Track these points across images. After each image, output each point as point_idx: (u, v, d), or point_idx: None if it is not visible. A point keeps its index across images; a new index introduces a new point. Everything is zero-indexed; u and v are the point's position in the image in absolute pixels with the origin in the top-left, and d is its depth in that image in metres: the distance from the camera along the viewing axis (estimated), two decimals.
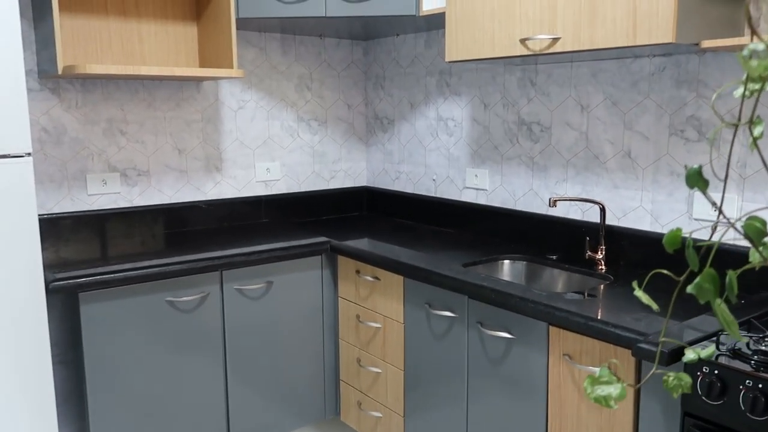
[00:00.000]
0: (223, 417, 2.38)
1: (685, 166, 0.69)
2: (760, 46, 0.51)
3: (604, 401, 0.72)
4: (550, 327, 1.74)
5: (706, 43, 1.68)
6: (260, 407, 2.47)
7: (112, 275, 2.08)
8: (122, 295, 2.12)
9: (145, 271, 2.14)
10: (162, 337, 2.21)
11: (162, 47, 2.65)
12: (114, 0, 2.53)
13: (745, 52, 0.53)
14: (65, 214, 2.51)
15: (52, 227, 2.48)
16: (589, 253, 2.19)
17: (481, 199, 2.72)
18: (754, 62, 0.52)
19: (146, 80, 2.65)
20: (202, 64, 2.72)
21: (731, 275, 0.67)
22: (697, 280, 0.66)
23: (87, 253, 2.35)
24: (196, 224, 2.83)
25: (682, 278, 0.74)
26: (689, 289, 0.67)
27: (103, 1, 2.50)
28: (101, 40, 2.52)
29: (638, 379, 1.55)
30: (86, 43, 2.48)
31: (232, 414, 2.40)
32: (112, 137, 2.60)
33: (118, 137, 2.61)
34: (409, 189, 3.09)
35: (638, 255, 2.15)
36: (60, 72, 2.17)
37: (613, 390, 0.71)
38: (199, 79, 2.69)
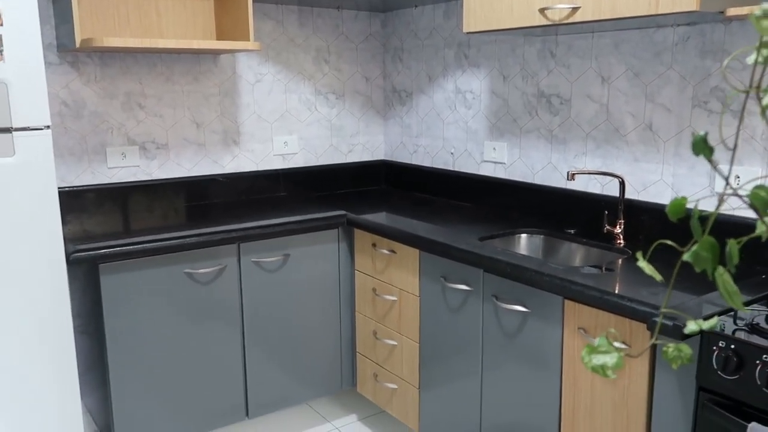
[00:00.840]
0: (241, 387, 2.42)
1: (692, 134, 0.67)
2: None
3: (601, 370, 0.71)
4: (566, 301, 1.73)
5: (732, 11, 1.63)
6: (278, 378, 2.50)
7: (132, 247, 2.11)
8: (141, 267, 2.15)
9: (163, 243, 2.16)
10: (180, 309, 2.24)
11: (179, 21, 2.65)
12: None
13: (758, 12, 0.51)
14: (86, 187, 2.54)
15: (73, 200, 2.52)
16: (608, 227, 2.16)
17: (500, 173, 2.69)
18: (766, 22, 0.49)
19: (164, 54, 2.66)
20: (219, 37, 2.71)
21: (732, 244, 0.65)
22: (694, 247, 0.65)
23: (107, 225, 2.39)
24: (214, 197, 2.85)
25: (686, 248, 0.73)
26: (685, 257, 0.65)
27: None
28: (119, 14, 2.52)
29: (654, 353, 1.53)
30: (105, 17, 2.49)
31: (250, 385, 2.44)
32: (130, 111, 2.62)
33: (136, 111, 2.63)
34: (426, 162, 3.07)
35: (658, 229, 2.12)
36: (78, 45, 2.18)
37: (609, 359, 0.70)
38: (216, 52, 2.68)
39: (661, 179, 2.12)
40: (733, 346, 1.32)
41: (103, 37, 2.16)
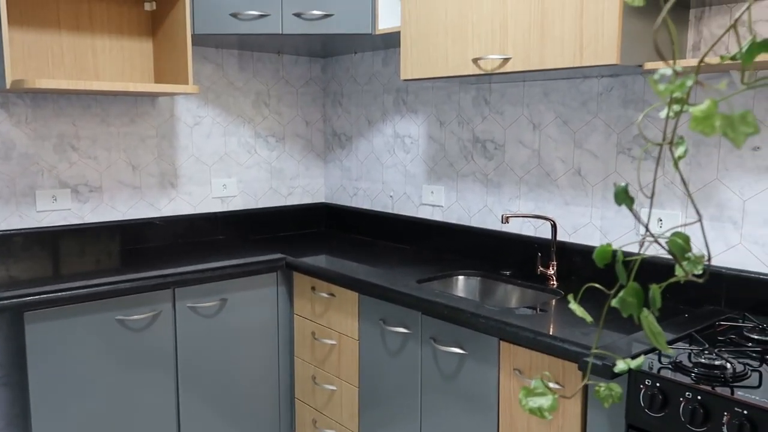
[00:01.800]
0: None
1: (614, 184, 0.71)
2: (668, 71, 0.53)
3: (538, 412, 0.73)
4: (501, 342, 1.76)
5: (649, 65, 1.74)
6: (214, 427, 2.43)
7: (60, 294, 2.03)
8: (70, 314, 2.07)
9: (94, 289, 2.09)
10: (112, 357, 2.16)
11: (116, 62, 2.62)
12: (67, 14, 2.49)
13: (656, 76, 0.56)
14: (12, 231, 2.45)
15: None
16: (541, 268, 2.23)
17: (437, 216, 2.74)
18: (661, 86, 0.54)
19: (99, 95, 2.62)
20: (158, 79, 2.69)
21: (654, 289, 0.69)
22: (620, 294, 0.68)
23: (34, 271, 2.30)
24: (150, 241, 2.78)
25: (612, 291, 0.76)
26: (613, 303, 0.69)
27: (55, 14, 2.46)
28: (53, 55, 2.48)
29: (586, 392, 1.57)
30: (38, 57, 2.44)
31: None
32: (63, 153, 2.55)
33: (69, 153, 2.57)
34: (366, 205, 3.10)
35: (589, 270, 2.19)
36: (8, 86, 2.13)
37: (545, 401, 0.72)
38: (154, 95, 2.66)
39: (590, 222, 2.20)
40: (658, 384, 1.37)
41: (35, 79, 2.11)
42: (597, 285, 0.86)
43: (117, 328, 2.16)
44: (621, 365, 0.92)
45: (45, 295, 2.00)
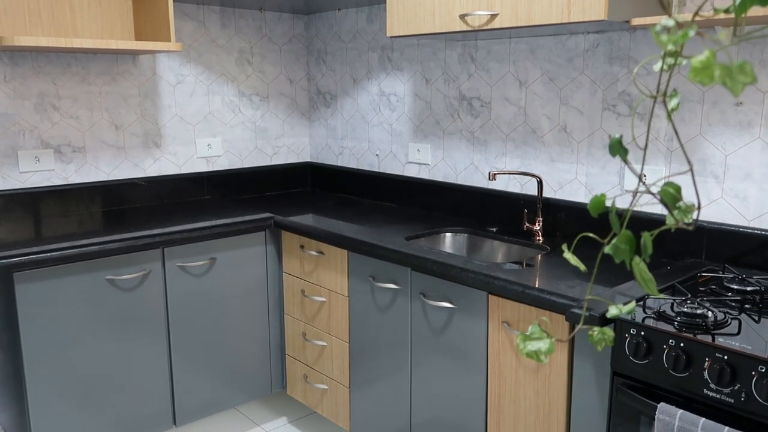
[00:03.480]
0: (168, 395, 2.37)
1: (609, 136, 0.73)
2: (671, 22, 0.55)
3: (535, 355, 0.76)
4: (490, 296, 1.80)
5: (636, 21, 1.75)
6: (206, 384, 2.47)
7: (49, 254, 2.03)
8: (60, 275, 2.07)
9: (83, 249, 2.09)
10: (103, 317, 2.18)
11: (95, 19, 2.56)
12: None
13: (658, 28, 0.57)
14: None
15: None
16: (527, 224, 2.26)
17: (424, 174, 2.76)
18: (664, 37, 0.55)
19: (79, 53, 2.57)
20: (138, 37, 2.64)
21: (646, 236, 0.72)
22: (613, 241, 0.71)
23: (21, 232, 2.28)
24: (135, 202, 2.77)
25: (606, 240, 0.79)
26: (606, 249, 0.72)
27: None
28: (30, 11, 2.41)
29: (572, 342, 1.62)
30: (14, 15, 2.38)
31: (177, 392, 2.39)
32: (44, 112, 2.51)
33: (50, 112, 2.53)
34: (352, 164, 3.11)
35: (573, 226, 2.23)
36: None
37: (543, 345, 0.76)
38: (135, 53, 2.62)
39: (575, 178, 2.24)
40: (642, 333, 1.42)
41: (14, 36, 2.07)
42: (591, 234, 0.89)
43: (107, 287, 2.17)
44: (613, 310, 0.96)
45: (34, 256, 2.00)
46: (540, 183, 2.24)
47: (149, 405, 2.33)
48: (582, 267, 0.86)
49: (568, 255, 0.84)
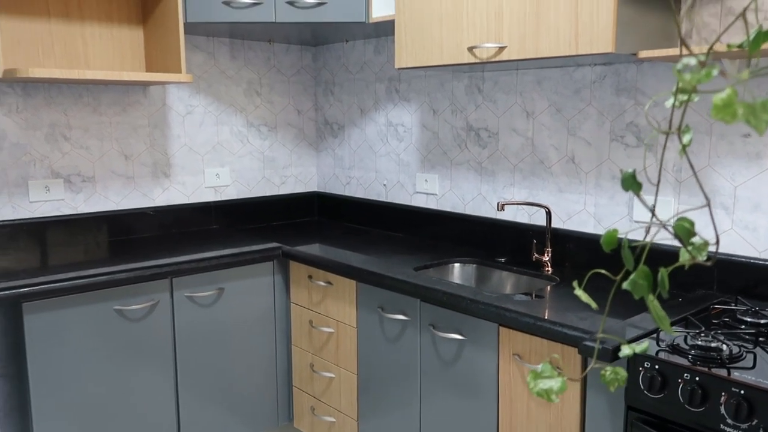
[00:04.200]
0: (174, 426, 2.34)
1: (621, 171, 0.73)
2: (693, 61, 0.55)
3: (546, 395, 0.75)
4: (500, 327, 1.79)
5: (644, 54, 1.77)
6: (212, 416, 2.44)
7: (57, 284, 2.03)
8: (68, 305, 2.07)
9: (91, 279, 2.09)
10: (110, 347, 2.17)
11: (107, 51, 2.60)
12: (56, 1, 2.46)
13: (679, 66, 0.58)
14: (6, 222, 2.43)
15: None
16: (536, 255, 2.26)
17: (431, 204, 2.76)
18: (687, 75, 0.56)
19: (90, 84, 2.60)
20: (149, 68, 2.67)
21: (663, 272, 0.71)
22: (631, 276, 0.70)
23: (30, 262, 2.29)
24: (144, 231, 2.78)
25: (618, 277, 0.79)
26: (624, 285, 0.71)
27: (44, 2, 2.43)
28: (43, 43, 2.45)
29: (585, 376, 1.60)
30: (27, 46, 2.41)
31: (183, 424, 2.37)
32: (54, 143, 2.53)
33: (61, 143, 2.55)
34: (359, 194, 3.11)
35: (582, 257, 2.23)
36: (0, 76, 2.10)
37: (554, 384, 0.75)
38: (146, 84, 2.65)
39: (584, 209, 2.24)
40: (657, 367, 1.41)
41: (29, 68, 2.09)
42: (602, 271, 0.89)
43: (115, 317, 2.16)
44: (626, 350, 0.95)
45: (43, 286, 2.00)
46: (548, 213, 2.24)
47: None
48: (593, 305, 0.85)
49: (579, 292, 0.84)
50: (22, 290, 1.96)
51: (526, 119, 2.37)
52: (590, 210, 2.22)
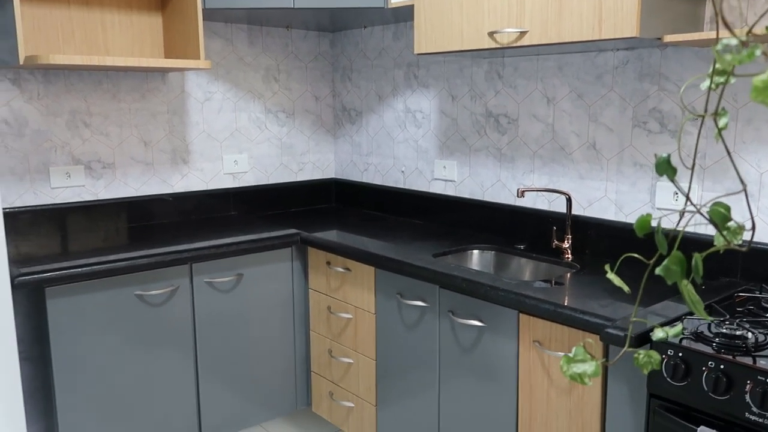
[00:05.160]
0: (194, 410, 2.37)
1: (655, 155, 0.72)
2: (733, 41, 0.54)
3: (579, 378, 0.75)
4: (520, 314, 1.78)
5: (669, 38, 1.74)
6: (231, 400, 2.46)
7: (79, 269, 2.05)
8: (90, 290, 2.09)
9: (113, 264, 2.11)
10: (131, 331, 2.19)
11: (126, 37, 2.61)
12: None
13: (719, 47, 0.56)
14: (28, 208, 2.46)
15: (16, 222, 2.42)
16: (556, 242, 2.24)
17: (450, 191, 2.75)
18: (728, 56, 0.55)
19: (110, 71, 2.61)
20: (168, 54, 2.68)
21: (697, 257, 0.70)
22: (665, 262, 0.69)
23: (52, 247, 2.31)
24: (163, 218, 2.80)
25: (652, 261, 0.78)
26: (657, 270, 0.70)
27: None
28: (63, 30, 2.46)
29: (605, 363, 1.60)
30: (47, 33, 2.42)
31: (203, 407, 2.39)
32: (75, 129, 2.55)
33: (81, 129, 2.56)
34: (377, 181, 3.11)
35: (603, 244, 2.21)
36: (21, 62, 2.12)
37: (588, 367, 0.74)
38: (164, 70, 2.65)
39: (605, 195, 2.21)
40: (681, 354, 1.39)
41: (49, 54, 2.10)
42: (636, 255, 0.88)
43: (136, 303, 2.18)
44: (659, 333, 0.94)
45: (65, 271, 2.02)
46: (569, 200, 2.22)
47: (176, 419, 2.33)
48: (626, 288, 0.84)
49: (611, 276, 0.83)
50: (45, 275, 1.99)
51: (547, 105, 2.35)
52: (611, 197, 2.20)
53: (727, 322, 1.46)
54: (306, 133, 3.22)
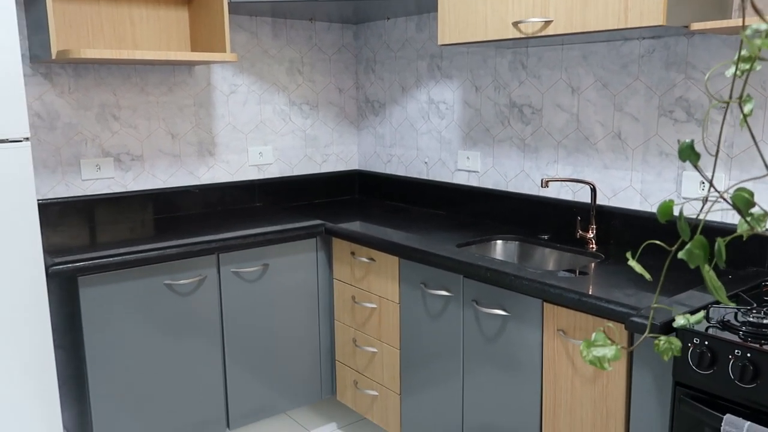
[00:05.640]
0: (221, 398, 2.42)
1: (678, 141, 0.72)
2: (763, 26, 0.55)
3: (598, 362, 0.76)
4: (545, 303, 1.79)
5: (696, 26, 1.72)
6: (258, 389, 2.51)
7: (111, 259, 2.10)
8: (121, 279, 2.14)
9: (143, 254, 2.15)
10: (160, 320, 2.24)
11: (153, 31, 2.65)
12: None
13: (749, 32, 0.57)
14: (60, 200, 2.52)
15: (48, 213, 2.49)
16: (580, 232, 2.24)
17: (473, 181, 2.76)
18: (758, 41, 0.55)
19: (138, 65, 2.65)
20: (194, 48, 2.72)
21: (720, 242, 0.71)
22: (687, 246, 0.70)
23: (84, 238, 2.37)
24: (190, 209, 2.84)
25: (674, 247, 0.78)
26: (680, 254, 0.71)
27: None
28: (92, 25, 2.51)
29: (631, 352, 1.60)
30: (78, 28, 2.47)
31: (231, 395, 2.44)
32: (105, 122, 2.60)
33: (111, 122, 2.62)
34: (401, 172, 3.12)
35: (628, 234, 2.20)
36: (54, 57, 2.17)
37: (608, 351, 0.75)
38: (191, 64, 2.69)
39: (630, 185, 2.20)
40: (707, 343, 1.39)
41: (80, 49, 2.15)
42: (658, 242, 0.88)
43: (165, 292, 2.23)
44: (680, 320, 0.94)
45: (98, 261, 2.07)
46: (594, 190, 2.22)
47: (204, 407, 2.38)
48: (647, 276, 0.85)
49: (633, 263, 0.84)
50: (78, 264, 2.04)
51: (571, 95, 2.34)
52: (636, 186, 2.19)
53: (754, 311, 1.46)
54: (330, 125, 3.24)
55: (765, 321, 1.40)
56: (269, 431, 2.74)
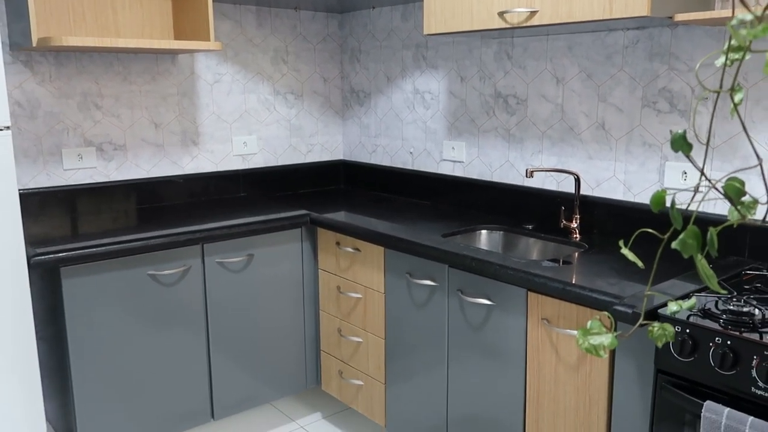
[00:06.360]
0: (206, 389, 2.41)
1: (670, 131, 0.73)
2: (748, 16, 0.55)
3: (594, 350, 0.77)
4: (529, 293, 1.80)
5: (680, 17, 1.74)
6: (242, 379, 2.50)
7: (94, 249, 2.08)
8: (104, 270, 2.12)
9: (126, 245, 2.14)
10: (144, 311, 2.22)
11: (136, 19, 2.61)
12: None
13: (734, 22, 0.57)
14: (42, 190, 2.49)
15: (29, 203, 2.46)
16: (564, 222, 2.26)
17: (458, 171, 2.76)
18: (743, 31, 0.56)
19: (121, 53, 2.62)
20: (177, 36, 2.69)
21: (712, 231, 0.72)
22: (681, 235, 0.71)
23: (65, 228, 2.34)
24: (173, 199, 2.82)
25: (666, 235, 0.79)
26: (674, 244, 0.72)
27: None
28: (74, 12, 2.47)
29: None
30: (59, 15, 2.43)
31: (215, 386, 2.43)
32: (87, 111, 2.57)
33: (93, 111, 2.58)
34: (386, 162, 3.12)
35: (611, 224, 2.22)
36: (34, 44, 2.13)
37: (604, 339, 0.76)
38: (174, 52, 2.66)
39: (613, 176, 2.22)
40: (688, 331, 1.41)
41: (62, 36, 2.12)
42: (651, 230, 0.89)
43: (149, 282, 2.22)
44: (673, 306, 0.95)
45: (80, 251, 2.05)
46: (578, 180, 2.23)
47: (189, 398, 2.37)
48: (640, 263, 0.86)
49: (625, 251, 0.84)
50: (60, 255, 2.02)
51: (556, 85, 2.35)
52: (620, 177, 2.20)
53: (734, 299, 1.48)
54: (315, 114, 3.23)
55: (745, 309, 1.42)
56: (254, 421, 2.74)
